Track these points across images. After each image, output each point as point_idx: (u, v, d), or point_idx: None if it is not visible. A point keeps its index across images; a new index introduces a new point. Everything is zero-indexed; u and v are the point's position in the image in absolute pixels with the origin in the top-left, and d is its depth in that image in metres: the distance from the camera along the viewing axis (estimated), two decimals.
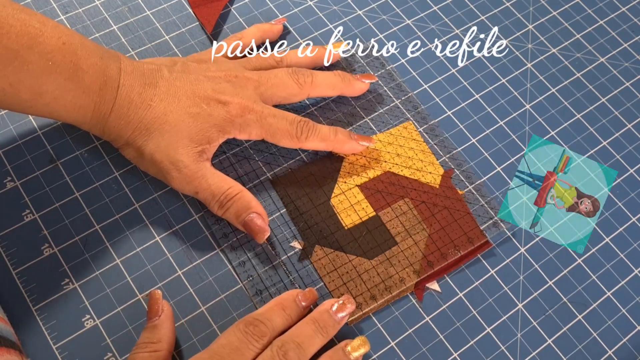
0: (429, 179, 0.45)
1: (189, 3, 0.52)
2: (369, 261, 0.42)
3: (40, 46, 0.36)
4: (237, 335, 0.36)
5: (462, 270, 0.43)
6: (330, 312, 0.38)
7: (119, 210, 0.43)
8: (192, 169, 0.40)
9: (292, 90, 0.45)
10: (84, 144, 0.45)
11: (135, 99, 0.40)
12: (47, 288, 0.40)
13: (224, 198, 0.41)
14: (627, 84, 0.52)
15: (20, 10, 0.36)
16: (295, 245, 0.42)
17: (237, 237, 0.42)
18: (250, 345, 0.36)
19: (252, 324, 0.36)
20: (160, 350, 0.36)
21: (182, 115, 0.41)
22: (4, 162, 0.44)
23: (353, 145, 0.45)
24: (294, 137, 0.43)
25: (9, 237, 0.42)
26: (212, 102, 0.41)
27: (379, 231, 0.43)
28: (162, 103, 0.41)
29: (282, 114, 0.43)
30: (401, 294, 0.41)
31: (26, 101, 0.38)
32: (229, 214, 0.41)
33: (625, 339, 0.41)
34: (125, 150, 0.42)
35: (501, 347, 0.40)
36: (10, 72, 0.36)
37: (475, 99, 0.50)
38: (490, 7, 0.55)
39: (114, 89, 0.39)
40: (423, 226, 0.43)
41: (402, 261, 0.42)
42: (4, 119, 0.46)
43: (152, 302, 0.38)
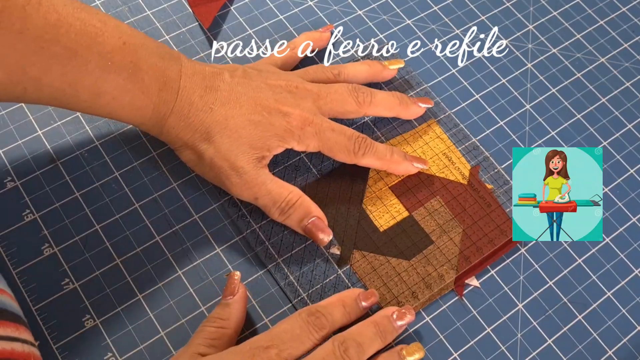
0: (457, 176, 0.46)
1: (188, 2, 0.52)
2: (407, 261, 0.42)
3: (100, 46, 0.36)
4: (298, 323, 0.36)
5: None
6: (390, 318, 0.38)
7: (119, 210, 0.43)
8: (252, 174, 0.40)
9: (350, 108, 0.44)
10: (84, 144, 0.45)
11: (196, 101, 0.40)
12: (47, 288, 0.40)
13: (285, 205, 0.41)
14: (627, 84, 0.52)
15: (81, 9, 0.36)
16: (334, 251, 0.43)
17: (271, 241, 0.43)
18: (310, 335, 0.36)
19: (314, 314, 0.37)
20: (227, 328, 0.37)
21: (243, 122, 0.40)
22: (4, 162, 0.44)
23: (407, 167, 0.45)
24: (351, 153, 0.43)
25: (9, 237, 0.42)
26: (273, 112, 0.41)
27: (414, 230, 0.44)
28: (224, 108, 0.40)
29: (341, 129, 0.43)
30: (442, 291, 0.42)
31: (85, 101, 0.38)
32: (290, 220, 0.41)
33: (625, 339, 0.41)
34: (183, 152, 0.42)
35: (501, 347, 0.40)
36: (69, 72, 0.36)
37: (475, 99, 0.50)
38: (490, 7, 0.55)
39: (174, 90, 0.39)
40: (456, 222, 0.44)
41: (439, 258, 0.43)
42: (4, 118, 0.46)
43: (230, 281, 0.38)
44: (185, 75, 0.40)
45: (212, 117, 0.40)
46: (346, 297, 0.39)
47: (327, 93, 0.44)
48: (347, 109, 0.44)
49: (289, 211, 0.41)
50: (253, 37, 0.51)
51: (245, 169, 0.40)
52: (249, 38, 0.51)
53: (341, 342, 0.36)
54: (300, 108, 0.42)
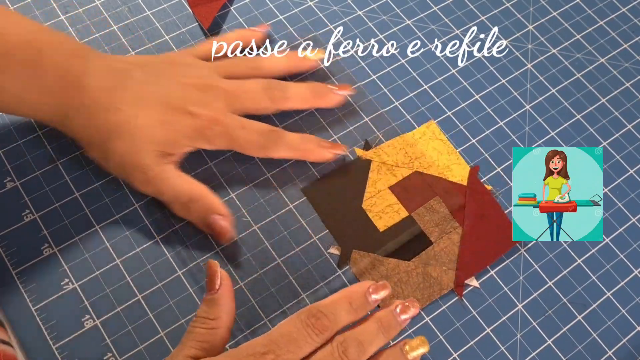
0: (456, 177, 0.46)
1: (188, 2, 0.52)
2: (407, 262, 0.42)
3: (1, 43, 0.36)
4: (297, 326, 0.34)
5: None
6: (394, 312, 0.37)
7: (119, 210, 0.43)
8: (156, 171, 0.40)
9: (264, 105, 0.44)
10: None
11: (103, 101, 0.40)
12: (47, 288, 0.40)
13: (187, 199, 0.41)
14: (627, 85, 0.52)
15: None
16: (333, 251, 0.43)
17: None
18: (309, 338, 0.34)
19: (314, 316, 0.34)
20: (218, 327, 0.34)
21: (150, 121, 0.40)
22: (4, 162, 0.44)
23: (322, 154, 0.44)
24: (263, 148, 0.43)
25: (8, 237, 0.42)
26: (181, 112, 0.41)
27: (413, 231, 0.43)
28: (131, 107, 0.40)
29: (251, 125, 0.43)
30: (442, 291, 0.41)
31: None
32: (192, 216, 0.41)
33: (625, 339, 0.41)
34: (90, 151, 0.42)
35: (501, 347, 0.40)
36: None
37: (475, 99, 0.50)
38: (490, 7, 0.55)
39: (79, 89, 0.39)
40: (456, 223, 0.44)
41: (438, 259, 0.42)
42: (4, 118, 0.46)
43: (210, 272, 0.36)
44: (91, 73, 0.39)
45: (118, 117, 0.40)
46: (354, 292, 0.37)
47: (241, 91, 0.43)
48: (261, 106, 0.44)
49: (190, 206, 0.41)
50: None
51: (150, 166, 0.40)
52: None
53: (341, 342, 0.35)
54: (209, 108, 0.42)
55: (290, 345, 0.33)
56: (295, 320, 0.34)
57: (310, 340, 0.34)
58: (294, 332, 0.34)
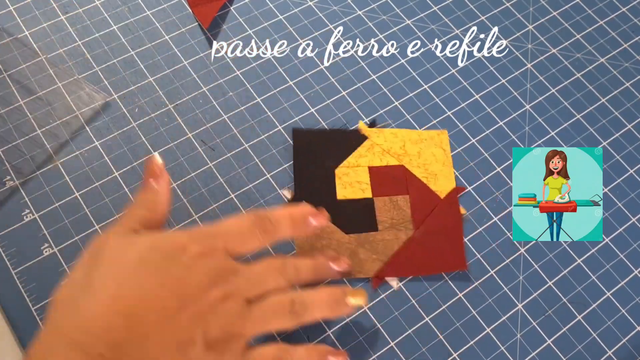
0: (438, 188, 0.45)
1: (188, 2, 0.52)
2: (344, 234, 0.43)
3: None
4: (245, 223, 0.36)
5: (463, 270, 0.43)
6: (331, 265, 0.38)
7: (119, 210, 0.43)
8: None
9: None
10: (84, 144, 0.45)
11: None
12: (47, 288, 0.40)
13: None
14: (627, 84, 0.52)
15: None
16: (285, 193, 0.44)
17: None
18: (254, 236, 0.36)
19: (260, 217, 0.36)
20: (158, 214, 0.36)
21: None
22: (3, 162, 0.44)
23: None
24: None
25: (8, 237, 0.42)
26: None
27: (366, 212, 0.44)
28: None
29: None
30: (358, 274, 0.42)
31: None
32: None
33: (625, 339, 0.41)
34: None
35: (501, 347, 0.40)
36: None
37: (475, 99, 0.50)
38: (490, 7, 0.55)
39: None
40: (410, 226, 0.43)
41: (374, 247, 0.43)
42: (4, 118, 0.46)
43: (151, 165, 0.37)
44: None
45: None
46: (296, 210, 0.37)
47: None
48: None
49: None
50: (253, 37, 0.51)
51: None
52: (249, 38, 0.51)
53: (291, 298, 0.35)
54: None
55: (238, 237, 0.35)
56: (244, 217, 0.36)
57: (254, 238, 0.36)
58: (243, 227, 0.36)
